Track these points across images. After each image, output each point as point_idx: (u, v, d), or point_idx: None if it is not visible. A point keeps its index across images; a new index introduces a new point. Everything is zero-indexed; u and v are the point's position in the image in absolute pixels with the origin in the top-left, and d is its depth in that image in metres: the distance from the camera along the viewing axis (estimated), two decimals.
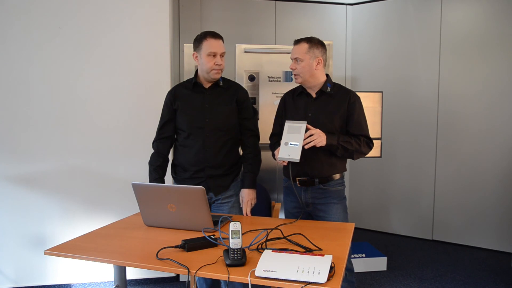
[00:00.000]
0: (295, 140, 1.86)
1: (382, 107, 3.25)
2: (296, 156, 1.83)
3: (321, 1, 4.15)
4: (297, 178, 2.06)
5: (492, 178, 3.63)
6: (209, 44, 2.02)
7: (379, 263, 3.23)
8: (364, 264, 3.19)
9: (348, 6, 4.22)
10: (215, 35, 2.05)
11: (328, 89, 2.06)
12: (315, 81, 2.07)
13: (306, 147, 1.86)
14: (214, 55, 2.02)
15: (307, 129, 1.88)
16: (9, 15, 2.71)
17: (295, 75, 2.05)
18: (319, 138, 1.88)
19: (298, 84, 2.15)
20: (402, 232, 4.11)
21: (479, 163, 3.68)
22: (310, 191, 2.08)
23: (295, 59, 2.03)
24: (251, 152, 2.18)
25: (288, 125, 1.91)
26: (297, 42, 2.05)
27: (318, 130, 1.89)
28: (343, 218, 2.09)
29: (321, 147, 1.89)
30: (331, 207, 2.08)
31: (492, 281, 3.03)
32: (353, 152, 2.01)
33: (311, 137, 1.86)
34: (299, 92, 2.12)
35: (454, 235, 3.84)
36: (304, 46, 2.02)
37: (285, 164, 1.94)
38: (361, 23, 4.21)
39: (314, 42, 2.03)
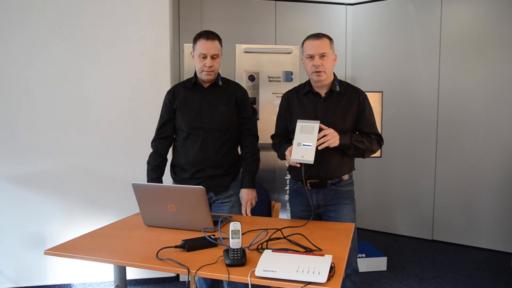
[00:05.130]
0: (308, 141, 1.78)
1: (382, 107, 3.25)
2: (310, 158, 1.75)
3: (321, 1, 4.15)
4: (308, 181, 1.97)
5: (492, 178, 3.63)
6: (200, 45, 2.01)
7: (379, 263, 3.23)
8: (364, 264, 3.19)
9: (348, 6, 4.22)
10: (208, 36, 2.01)
11: (337, 88, 1.98)
12: (330, 79, 1.99)
13: (319, 148, 1.78)
14: (205, 57, 2.01)
15: (320, 129, 1.80)
16: (9, 15, 2.71)
17: (320, 71, 1.90)
18: (333, 139, 1.80)
19: (295, 85, 2.08)
20: (402, 232, 4.11)
21: (479, 163, 3.68)
22: (322, 193, 2.00)
23: (321, 55, 1.90)
24: (250, 152, 2.17)
25: (300, 124, 1.83)
26: (318, 37, 1.92)
27: (331, 130, 1.81)
28: (353, 219, 2.03)
29: (333, 147, 1.83)
30: (342, 207, 2.01)
31: (492, 281, 3.03)
32: (364, 151, 1.94)
33: (324, 137, 1.78)
34: (307, 91, 2.02)
35: (454, 235, 3.84)
36: (327, 41, 1.93)
37: (298, 166, 1.84)
38: (361, 23, 4.21)
39: (331, 38, 1.97)
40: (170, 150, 2.25)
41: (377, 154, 3.23)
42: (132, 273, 2.94)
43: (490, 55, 3.59)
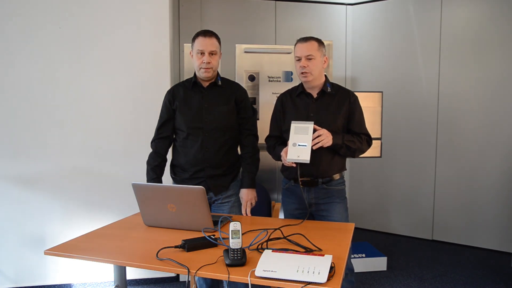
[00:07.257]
0: (304, 141, 1.83)
1: (382, 107, 3.25)
2: (306, 157, 1.81)
3: (321, 1, 4.15)
4: (300, 179, 2.02)
5: (492, 178, 3.62)
6: (198, 42, 2.04)
7: (379, 263, 3.23)
8: (364, 264, 3.19)
9: (348, 6, 4.22)
10: (205, 34, 2.04)
11: (329, 89, 2.06)
12: (320, 80, 2.06)
13: (314, 147, 1.84)
14: (202, 53, 2.02)
15: (314, 130, 1.86)
16: (9, 15, 2.71)
17: (305, 73, 1.98)
18: (327, 139, 1.87)
19: (295, 85, 2.13)
20: (402, 232, 4.11)
21: (479, 163, 3.68)
22: (313, 191, 2.07)
23: (307, 57, 1.98)
24: (250, 152, 2.17)
25: (295, 125, 1.88)
26: (305, 40, 2.01)
27: (325, 130, 1.88)
28: (345, 217, 2.10)
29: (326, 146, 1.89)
30: (334, 206, 2.07)
31: (492, 281, 3.03)
32: (355, 151, 2.01)
33: (319, 137, 1.85)
34: (299, 93, 2.10)
35: (454, 235, 3.84)
36: (315, 44, 2.00)
37: (294, 165, 1.90)
38: (361, 23, 4.21)
39: (321, 41, 2.04)
40: (170, 150, 2.25)
41: (377, 154, 3.23)
42: (132, 273, 2.94)
43: (490, 55, 3.59)
